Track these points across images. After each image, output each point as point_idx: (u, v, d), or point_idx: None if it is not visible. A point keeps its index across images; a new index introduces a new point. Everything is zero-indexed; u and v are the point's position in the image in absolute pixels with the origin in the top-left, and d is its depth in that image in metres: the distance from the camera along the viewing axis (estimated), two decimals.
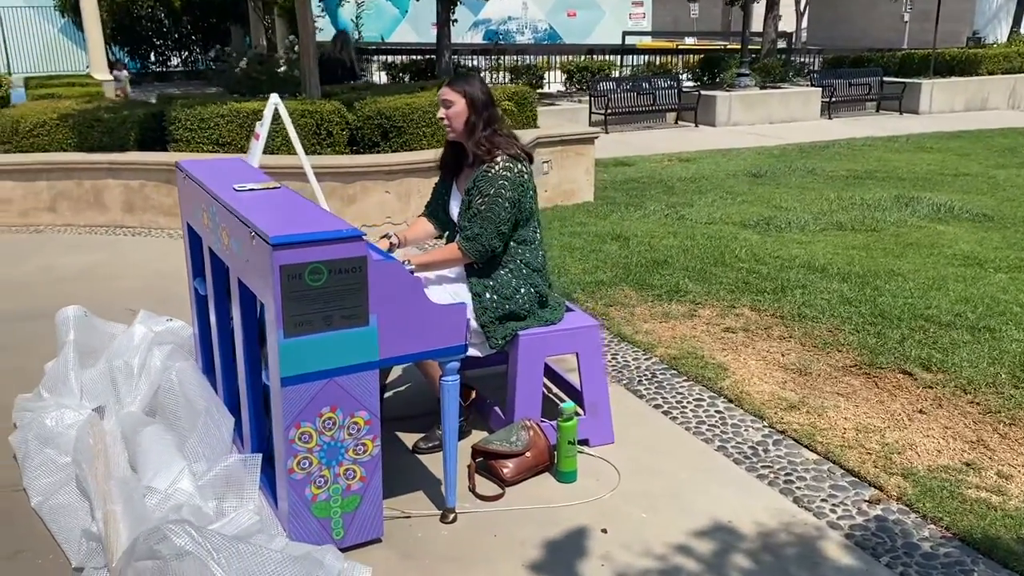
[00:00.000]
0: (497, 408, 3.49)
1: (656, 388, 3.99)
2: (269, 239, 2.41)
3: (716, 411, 3.76)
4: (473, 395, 3.55)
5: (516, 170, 3.26)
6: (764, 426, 3.61)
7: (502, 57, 18.07)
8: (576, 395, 3.48)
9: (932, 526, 2.91)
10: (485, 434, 3.41)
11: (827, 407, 3.74)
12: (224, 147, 7.07)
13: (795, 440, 3.49)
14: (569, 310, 3.53)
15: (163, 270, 5.86)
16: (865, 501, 3.05)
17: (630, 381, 4.06)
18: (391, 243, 3.42)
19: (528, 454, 3.19)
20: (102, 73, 17.33)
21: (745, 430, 3.59)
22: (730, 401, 3.85)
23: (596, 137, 8.31)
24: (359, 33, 22.18)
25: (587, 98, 14.86)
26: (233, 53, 18.29)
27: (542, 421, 3.33)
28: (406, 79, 16.17)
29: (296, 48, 11.37)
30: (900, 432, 3.53)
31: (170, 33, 23.46)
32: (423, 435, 3.44)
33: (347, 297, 2.54)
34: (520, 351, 3.28)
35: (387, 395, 3.67)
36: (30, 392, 3.69)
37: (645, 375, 4.13)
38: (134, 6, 22.32)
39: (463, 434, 3.47)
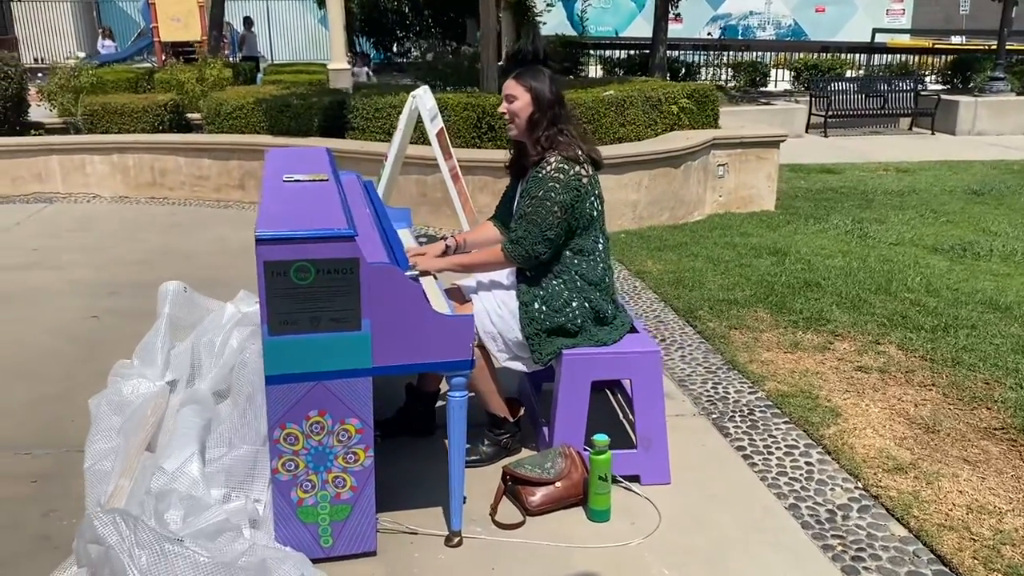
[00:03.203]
0: (546, 429, 3.24)
1: (748, 427, 3.55)
2: (256, 233, 2.34)
3: (806, 462, 3.28)
4: (521, 412, 3.32)
5: (572, 172, 2.98)
6: (856, 487, 3.10)
7: (724, 53, 17.27)
8: None
9: None
10: (534, 454, 3.19)
11: (942, 474, 3.14)
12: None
13: (887, 509, 2.95)
14: (635, 331, 3.21)
15: None
16: None
17: (720, 416, 3.64)
18: (447, 245, 3.27)
19: (558, 484, 2.93)
20: (339, 63, 18.57)
21: (831, 489, 3.09)
22: (828, 453, 3.34)
23: (782, 140, 7.66)
24: (583, 27, 22.19)
25: (807, 99, 13.88)
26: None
27: (586, 449, 3.05)
28: (620, 74, 15.90)
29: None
30: None
31: (412, 26, 24.69)
32: (466, 447, 3.26)
33: (337, 299, 2.42)
34: (563, 371, 3.02)
35: (439, 404, 3.54)
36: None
37: (741, 411, 3.69)
38: None
39: (509, 452, 3.27)
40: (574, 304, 3.04)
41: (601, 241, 3.13)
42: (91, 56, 19.07)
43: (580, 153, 3.06)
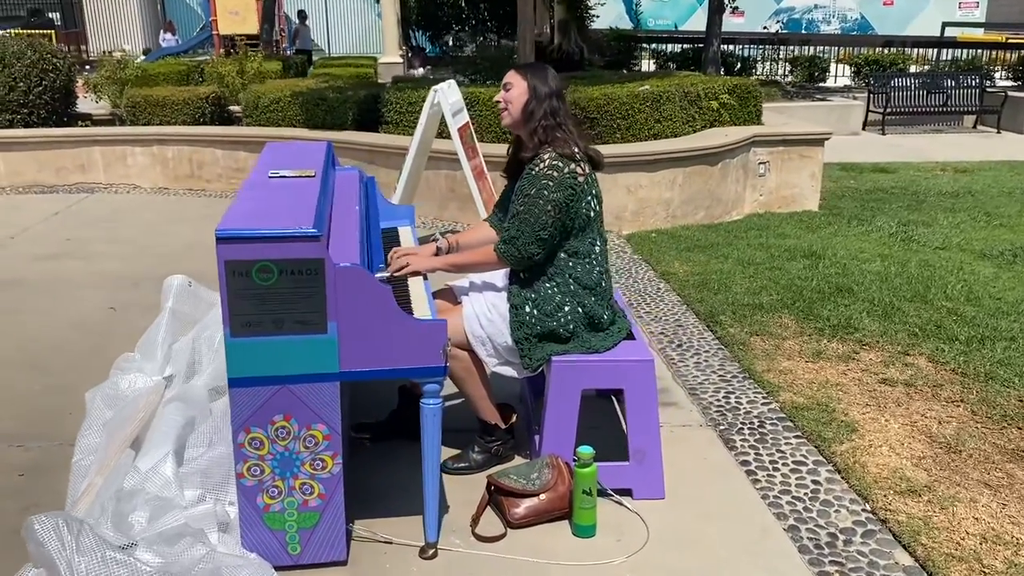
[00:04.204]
0: (538, 437, 3.12)
1: (755, 441, 3.38)
2: (216, 231, 2.28)
3: (813, 480, 3.10)
4: (514, 419, 3.21)
5: (566, 170, 2.86)
6: (863, 509, 2.91)
7: (782, 47, 16.81)
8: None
9: None
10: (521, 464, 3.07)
11: (959, 499, 2.94)
12: None
13: (894, 535, 2.76)
14: (631, 337, 3.07)
15: None
16: None
17: (728, 428, 3.48)
18: (438, 247, 3.16)
19: (543, 496, 2.81)
20: (391, 56, 18.65)
21: (836, 511, 2.91)
22: (838, 471, 3.15)
23: (827, 138, 7.38)
24: (637, 20, 21.86)
25: (866, 95, 13.42)
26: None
27: (575, 460, 2.92)
28: (672, 68, 15.59)
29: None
30: None
31: (468, 20, 24.60)
32: (457, 453, 3.18)
33: (301, 301, 2.34)
34: (552, 379, 2.90)
35: None
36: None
37: (751, 423, 3.52)
38: None
39: (501, 460, 3.17)
40: (566, 308, 2.92)
41: (598, 244, 2.99)
42: (149, 51, 19.49)
43: (577, 151, 2.94)
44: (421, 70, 17.00)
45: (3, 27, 23.69)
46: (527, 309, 2.92)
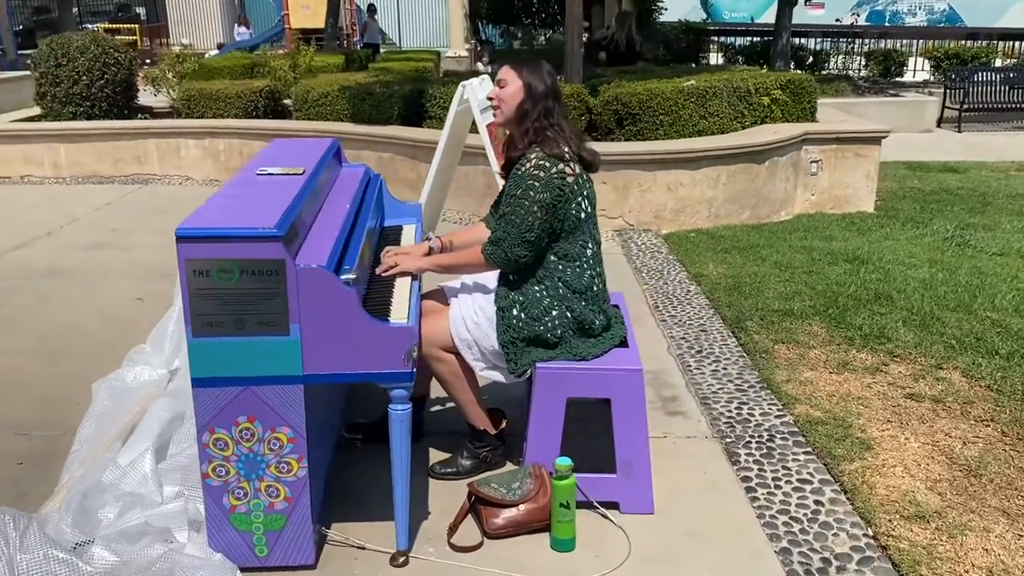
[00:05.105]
0: (527, 444, 3.04)
1: (761, 455, 3.22)
2: (176, 230, 2.26)
3: (816, 501, 2.93)
4: (504, 424, 3.13)
5: (553, 170, 2.76)
6: (864, 534, 2.74)
7: (856, 41, 16.22)
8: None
9: None
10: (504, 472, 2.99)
11: (970, 528, 2.74)
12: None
13: (892, 563, 2.59)
14: (624, 345, 2.95)
15: None
16: None
17: (735, 441, 3.33)
18: (430, 247, 3.10)
19: (522, 507, 2.73)
20: (457, 50, 18.70)
21: (835, 535, 2.75)
22: (844, 491, 2.98)
23: (884, 136, 7.05)
24: (709, 12, 21.41)
25: (942, 91, 12.84)
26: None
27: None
28: (740, 61, 15.21)
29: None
30: None
31: (538, 13, 24.48)
32: (446, 458, 3.12)
33: (263, 301, 2.31)
34: (536, 386, 2.81)
35: (433, 409, 3.39)
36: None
37: (760, 436, 3.36)
38: None
39: (490, 466, 3.09)
40: (554, 313, 2.82)
41: (590, 246, 2.89)
42: (223, 45, 19.95)
43: (567, 151, 2.84)
44: (481, 64, 16.99)
45: (93, 22, 24.65)
46: (514, 312, 2.83)
